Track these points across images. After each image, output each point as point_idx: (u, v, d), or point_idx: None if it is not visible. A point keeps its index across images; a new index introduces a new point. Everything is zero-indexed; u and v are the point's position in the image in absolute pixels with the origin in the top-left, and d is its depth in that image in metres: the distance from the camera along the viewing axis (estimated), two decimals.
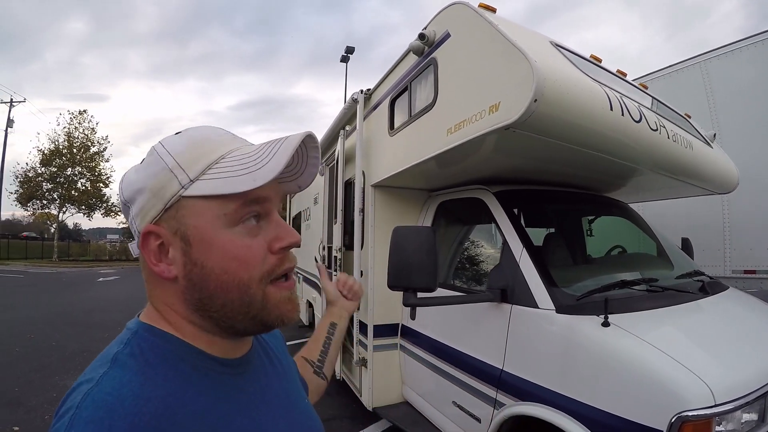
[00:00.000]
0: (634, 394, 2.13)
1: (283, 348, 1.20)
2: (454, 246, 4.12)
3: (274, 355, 1.09)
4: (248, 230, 0.82)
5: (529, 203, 3.88)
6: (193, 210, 0.80)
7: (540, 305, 2.74)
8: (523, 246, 3.03)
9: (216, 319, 0.83)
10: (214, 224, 0.80)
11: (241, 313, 0.82)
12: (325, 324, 1.56)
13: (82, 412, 0.66)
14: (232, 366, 0.89)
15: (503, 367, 2.91)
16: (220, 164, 0.81)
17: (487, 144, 2.83)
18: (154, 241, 0.81)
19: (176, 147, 0.83)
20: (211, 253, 0.80)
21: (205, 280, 0.80)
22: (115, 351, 0.78)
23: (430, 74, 3.45)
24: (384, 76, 4.58)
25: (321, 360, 1.46)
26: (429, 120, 3.41)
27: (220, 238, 0.80)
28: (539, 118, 2.34)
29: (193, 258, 0.80)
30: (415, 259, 2.70)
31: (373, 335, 4.47)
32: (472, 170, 3.66)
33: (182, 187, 0.79)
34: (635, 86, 3.77)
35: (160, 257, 0.82)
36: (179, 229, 0.80)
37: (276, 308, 0.85)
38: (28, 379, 6.62)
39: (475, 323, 3.33)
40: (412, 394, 4.27)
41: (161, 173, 0.81)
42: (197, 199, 0.80)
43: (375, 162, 4.59)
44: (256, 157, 0.80)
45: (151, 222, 0.81)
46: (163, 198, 0.80)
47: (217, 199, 0.79)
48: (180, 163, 0.80)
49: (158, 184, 0.81)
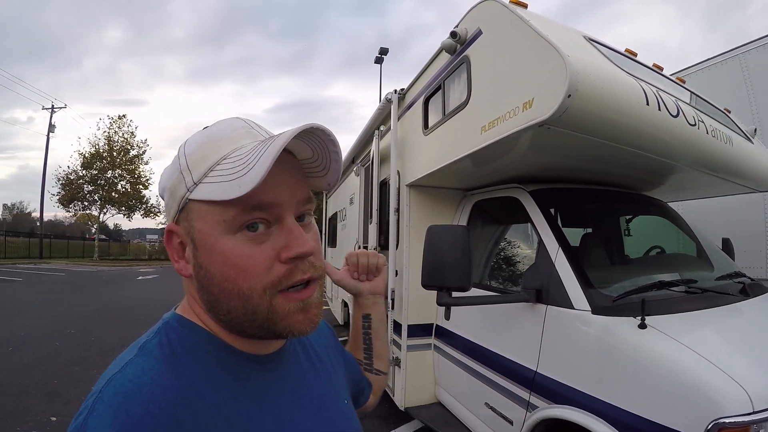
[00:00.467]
0: (669, 398, 2.07)
1: (329, 344, 1.18)
2: (489, 246, 4.08)
3: (315, 351, 1.07)
4: (251, 238, 0.78)
5: (566, 202, 3.80)
6: (199, 213, 0.79)
7: (575, 306, 2.68)
8: (559, 246, 2.97)
9: (225, 322, 0.81)
10: (215, 229, 0.77)
11: (247, 321, 0.79)
12: (358, 318, 1.41)
13: (104, 396, 0.67)
14: (261, 362, 0.87)
15: (537, 368, 2.86)
16: (220, 166, 0.78)
17: (521, 142, 2.78)
18: (176, 239, 0.83)
19: (190, 146, 0.83)
20: (213, 258, 0.77)
21: (209, 284, 0.78)
22: (145, 340, 0.80)
23: (462, 72, 3.42)
24: (417, 76, 4.57)
25: (368, 357, 1.38)
26: (463, 118, 3.37)
27: (220, 245, 0.77)
28: (574, 114, 2.30)
29: (199, 261, 0.79)
30: (449, 259, 2.68)
31: (407, 335, 4.44)
32: (507, 169, 3.61)
33: (188, 189, 0.79)
34: (672, 81, 3.67)
35: (181, 254, 0.83)
36: (190, 231, 0.80)
37: (283, 320, 0.79)
38: (66, 372, 6.78)
39: (509, 324, 3.28)
40: (445, 395, 4.23)
41: (175, 174, 0.81)
42: (201, 203, 0.78)
43: (410, 161, 4.58)
44: (247, 159, 0.75)
45: (173, 221, 0.83)
46: (176, 199, 0.81)
47: (216, 204, 0.76)
48: (189, 165, 0.80)
49: (173, 185, 0.82)
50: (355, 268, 1.39)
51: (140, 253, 52.47)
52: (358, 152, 7.32)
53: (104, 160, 39.93)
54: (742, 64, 5.78)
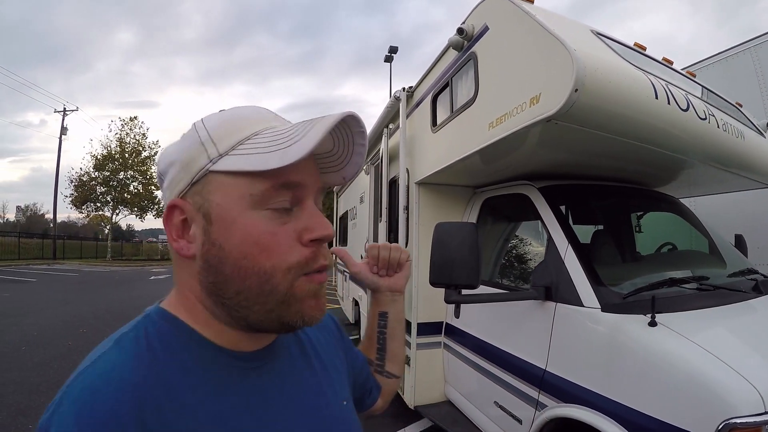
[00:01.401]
0: (679, 398, 2.03)
1: (330, 340, 1.12)
2: (498, 243, 4.05)
3: (312, 347, 1.02)
4: (276, 216, 0.76)
5: (575, 199, 3.77)
6: (219, 186, 0.76)
7: (585, 303, 2.65)
8: (569, 243, 2.94)
9: (229, 307, 0.78)
10: (239, 204, 0.75)
11: (258, 303, 0.76)
12: (374, 315, 1.33)
13: (71, 391, 0.66)
14: (246, 360, 0.83)
15: (546, 367, 2.83)
16: (253, 140, 0.76)
17: (529, 138, 2.76)
18: (179, 215, 0.79)
19: (213, 122, 0.80)
20: (231, 234, 0.75)
21: (221, 262, 0.75)
22: (121, 333, 0.78)
23: (470, 69, 3.40)
24: (425, 73, 4.57)
25: (380, 358, 1.31)
26: (471, 115, 3.35)
27: (243, 220, 0.75)
28: (581, 109, 2.27)
29: (212, 237, 0.76)
30: (457, 256, 2.64)
31: (416, 333, 4.42)
32: (516, 165, 3.58)
33: (210, 161, 0.76)
34: (682, 74, 3.63)
35: (181, 233, 0.79)
36: (203, 205, 0.76)
37: (298, 302, 0.78)
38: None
39: (518, 322, 3.25)
40: (455, 394, 4.21)
41: (193, 146, 0.78)
42: (225, 175, 0.75)
43: (418, 159, 4.56)
44: (289, 134, 0.74)
45: (178, 196, 0.79)
46: (190, 171, 0.77)
47: (245, 176, 0.74)
48: (213, 137, 0.77)
49: (188, 157, 0.78)
50: (376, 261, 1.31)
51: (153, 253, 52.90)
52: (368, 150, 7.22)
53: (116, 161, 40.28)
54: (753, 58, 5.69)
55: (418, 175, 4.49)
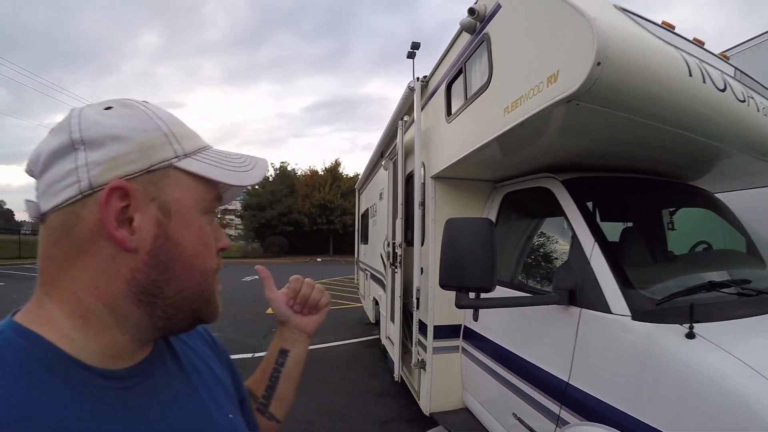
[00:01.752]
0: (720, 421, 1.74)
1: (208, 350, 1.06)
2: (520, 241, 3.77)
3: (188, 360, 0.94)
4: (209, 223, 0.83)
5: (602, 193, 3.44)
6: (180, 183, 0.77)
7: (613, 310, 2.36)
8: (595, 240, 2.65)
9: (160, 308, 0.75)
10: (195, 205, 0.79)
11: (192, 302, 0.79)
12: (274, 351, 1.24)
13: None
14: (120, 379, 0.74)
15: (569, 379, 2.55)
16: (208, 152, 0.83)
17: (547, 122, 2.50)
18: (119, 201, 0.70)
19: (166, 116, 0.80)
20: (188, 232, 0.77)
21: (174, 260, 0.75)
22: None
23: (483, 52, 3.17)
24: (439, 61, 4.38)
25: (267, 396, 1.20)
26: (485, 101, 3.11)
27: (198, 221, 0.79)
28: (605, 86, 2.00)
29: (170, 232, 0.75)
30: (469, 255, 2.38)
31: (433, 336, 4.22)
32: (536, 156, 3.30)
33: (176, 156, 0.77)
34: (716, 56, 3.26)
35: (124, 221, 0.71)
36: (159, 197, 0.74)
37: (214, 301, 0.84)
38: None
39: (540, 328, 2.98)
40: (473, 401, 3.98)
41: (155, 133, 0.75)
42: (186, 175, 0.78)
43: (434, 152, 4.36)
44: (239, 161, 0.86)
45: (123, 178, 0.71)
46: (150, 158, 0.74)
47: (203, 182, 0.80)
48: (174, 133, 0.78)
49: (149, 142, 0.74)
50: (294, 294, 1.25)
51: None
52: (385, 146, 7.14)
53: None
54: None
55: (435, 169, 4.28)
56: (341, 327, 10.47)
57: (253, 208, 48.89)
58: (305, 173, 53.34)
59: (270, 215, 47.72)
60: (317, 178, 50.65)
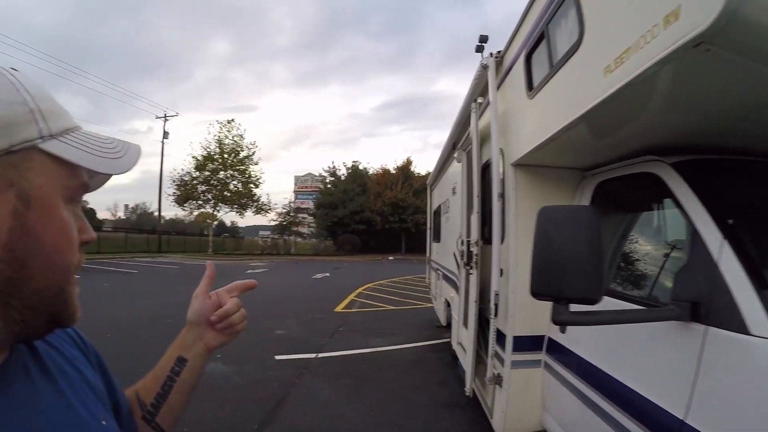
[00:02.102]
0: None
1: (78, 354, 0.93)
2: (617, 239, 3.12)
3: (54, 363, 0.82)
4: (73, 213, 0.74)
5: (726, 179, 2.69)
6: (43, 168, 0.68)
7: (752, 330, 1.74)
8: (724, 237, 2.02)
9: (16, 309, 0.66)
10: (58, 194, 0.70)
11: (49, 303, 0.71)
12: (172, 356, 1.15)
13: None
14: None
15: (685, 417, 1.92)
16: (77, 134, 0.74)
17: (663, 81, 1.91)
18: None
19: (34, 88, 0.68)
20: (51, 224, 0.68)
21: (33, 255, 0.66)
22: None
23: (569, 7, 2.66)
24: (514, 32, 3.88)
25: (156, 405, 1.11)
26: (576, 63, 2.57)
27: (60, 212, 0.70)
28: (745, 25, 1.44)
29: (29, 224, 0.65)
30: (570, 255, 1.84)
31: (512, 349, 3.71)
32: (635, 135, 2.70)
33: (41, 137, 0.67)
34: None
35: None
36: (19, 183, 0.64)
37: (74, 302, 0.76)
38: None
39: (647, 346, 2.36)
40: (554, 425, 3.40)
41: (19, 108, 0.65)
42: (50, 159, 0.68)
43: (514, 135, 3.85)
44: (110, 146, 0.78)
45: None
46: (11, 138, 0.63)
47: (68, 168, 0.71)
48: (42, 110, 0.68)
49: (10, 119, 0.63)
50: (217, 307, 1.18)
51: (253, 248, 56.19)
52: (457, 136, 6.71)
53: (216, 162, 44.71)
54: None
55: (515, 155, 3.76)
56: (409, 327, 10.15)
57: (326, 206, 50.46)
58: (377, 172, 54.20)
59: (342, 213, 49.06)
60: (389, 177, 51.61)
